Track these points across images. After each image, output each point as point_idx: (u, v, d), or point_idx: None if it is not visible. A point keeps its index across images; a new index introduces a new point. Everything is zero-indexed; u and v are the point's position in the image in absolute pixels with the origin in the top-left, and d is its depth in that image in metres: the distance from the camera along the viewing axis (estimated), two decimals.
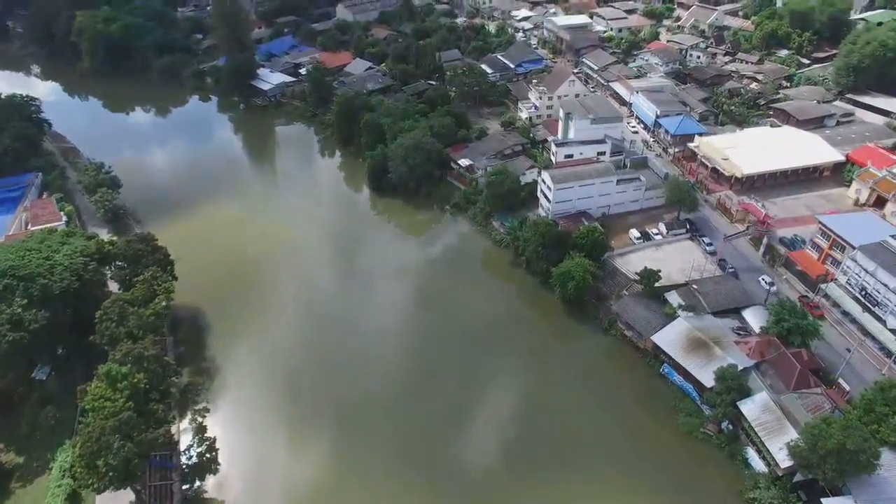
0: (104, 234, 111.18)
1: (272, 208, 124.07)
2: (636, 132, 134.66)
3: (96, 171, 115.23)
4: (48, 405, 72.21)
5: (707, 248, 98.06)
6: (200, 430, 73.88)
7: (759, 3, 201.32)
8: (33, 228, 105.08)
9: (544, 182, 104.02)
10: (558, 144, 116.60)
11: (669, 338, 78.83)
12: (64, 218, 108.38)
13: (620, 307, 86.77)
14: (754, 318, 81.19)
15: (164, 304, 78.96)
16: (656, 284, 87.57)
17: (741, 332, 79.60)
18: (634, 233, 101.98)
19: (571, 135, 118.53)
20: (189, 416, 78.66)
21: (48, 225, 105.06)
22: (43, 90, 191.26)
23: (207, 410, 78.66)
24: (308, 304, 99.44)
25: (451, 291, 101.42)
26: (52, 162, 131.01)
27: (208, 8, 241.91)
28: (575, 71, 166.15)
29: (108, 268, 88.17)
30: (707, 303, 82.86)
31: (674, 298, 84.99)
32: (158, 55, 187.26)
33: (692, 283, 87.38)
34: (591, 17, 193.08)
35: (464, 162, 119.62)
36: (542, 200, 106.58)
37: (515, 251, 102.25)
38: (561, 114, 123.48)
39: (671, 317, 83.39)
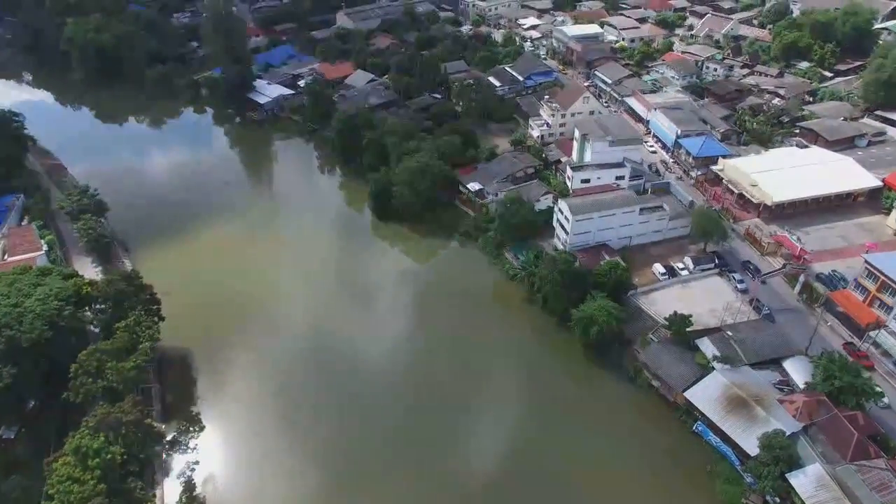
0: (88, 264, 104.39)
1: (269, 233, 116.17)
2: (654, 152, 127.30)
3: (80, 196, 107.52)
4: (14, 474, 64.56)
5: (738, 285, 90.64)
6: (189, 487, 67.36)
7: (774, 12, 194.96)
8: (10, 259, 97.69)
9: (561, 212, 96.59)
10: (574, 168, 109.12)
11: (705, 394, 71.41)
12: (44, 247, 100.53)
13: (648, 356, 79.30)
14: (798, 371, 73.74)
15: (146, 357, 71.38)
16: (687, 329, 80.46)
17: (784, 388, 72.19)
18: (659, 268, 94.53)
19: (588, 157, 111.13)
20: (176, 473, 71.93)
21: (26, 256, 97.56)
22: (31, 100, 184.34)
23: (197, 463, 72.18)
24: (305, 341, 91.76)
25: (461, 328, 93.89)
26: (36, 182, 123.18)
27: (205, 14, 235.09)
28: (586, 84, 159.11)
29: (87, 309, 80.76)
30: (744, 353, 75.44)
31: (707, 347, 77.51)
32: (151, 65, 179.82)
33: (726, 328, 79.96)
34: (602, 27, 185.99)
35: (473, 186, 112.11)
36: (559, 231, 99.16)
37: (530, 286, 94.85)
38: (576, 134, 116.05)
39: (705, 368, 76.05)
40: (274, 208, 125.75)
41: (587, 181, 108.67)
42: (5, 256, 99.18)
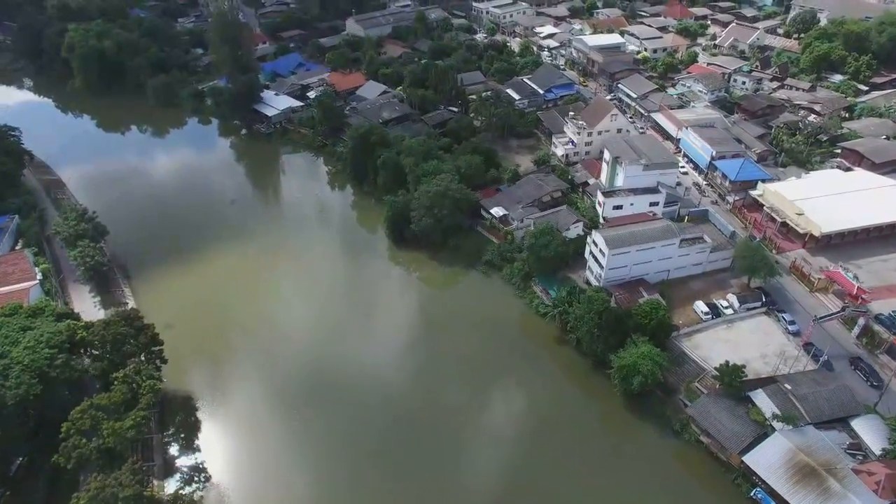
0: (85, 293, 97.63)
1: (278, 257, 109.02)
2: (685, 173, 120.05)
3: (77, 220, 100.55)
4: None
5: (789, 327, 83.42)
6: None
7: (799, 21, 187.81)
8: (2, 290, 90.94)
9: (595, 245, 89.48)
10: (606, 194, 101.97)
11: (767, 460, 64.29)
12: (38, 276, 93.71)
13: (697, 410, 72.14)
14: (870, 433, 66.60)
15: (145, 412, 64.43)
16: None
17: (856, 454, 65.01)
18: (701, 306, 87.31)
19: (620, 182, 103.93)
20: None
21: (19, 286, 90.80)
22: (30, 107, 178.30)
23: None
24: (319, 376, 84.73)
25: (484, 366, 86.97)
26: (32, 201, 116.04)
27: (210, 19, 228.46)
28: (609, 97, 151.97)
29: (83, 351, 73.91)
30: (807, 411, 68.24)
31: (763, 401, 70.29)
32: (154, 73, 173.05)
33: (782, 380, 72.67)
34: (622, 36, 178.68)
35: (497, 212, 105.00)
36: (592, 264, 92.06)
37: (562, 325, 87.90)
38: (606, 155, 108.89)
39: (762, 426, 68.91)
40: (283, 230, 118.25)
41: (619, 207, 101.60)
42: None
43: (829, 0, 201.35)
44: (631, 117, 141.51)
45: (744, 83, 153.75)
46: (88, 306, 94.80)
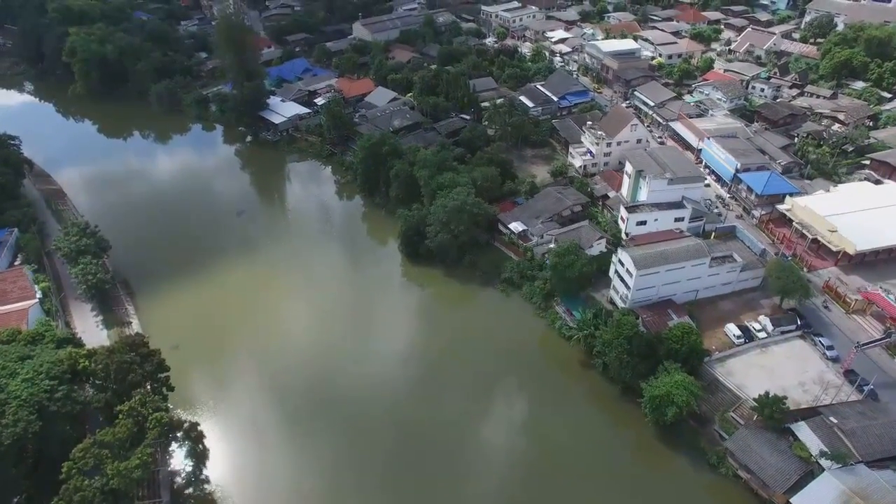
0: (87, 312, 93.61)
1: (288, 272, 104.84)
2: (707, 185, 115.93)
3: (79, 235, 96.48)
4: None
5: (827, 352, 79.39)
6: None
7: (816, 26, 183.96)
8: (0, 309, 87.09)
9: (622, 264, 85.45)
10: (629, 209, 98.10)
11: (818, 503, 60.30)
12: (38, 295, 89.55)
13: (736, 443, 68.10)
14: None
15: (151, 451, 60.44)
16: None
17: None
18: (733, 329, 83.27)
19: (643, 196, 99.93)
20: None
21: (18, 306, 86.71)
22: (31, 114, 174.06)
23: None
24: (330, 406, 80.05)
25: (505, 389, 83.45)
26: (32, 214, 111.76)
27: (214, 22, 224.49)
28: (624, 105, 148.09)
29: (85, 379, 69.82)
30: (857, 448, 64.15)
31: (807, 436, 66.23)
32: (157, 78, 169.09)
33: (826, 412, 68.61)
34: (636, 41, 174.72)
35: (515, 227, 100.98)
36: (617, 283, 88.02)
37: (587, 349, 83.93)
38: (628, 168, 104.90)
39: (807, 462, 64.83)
40: (292, 243, 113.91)
41: (643, 223, 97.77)
42: None
43: (846, 4, 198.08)
44: (648, 126, 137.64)
45: (762, 90, 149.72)
46: (90, 326, 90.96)
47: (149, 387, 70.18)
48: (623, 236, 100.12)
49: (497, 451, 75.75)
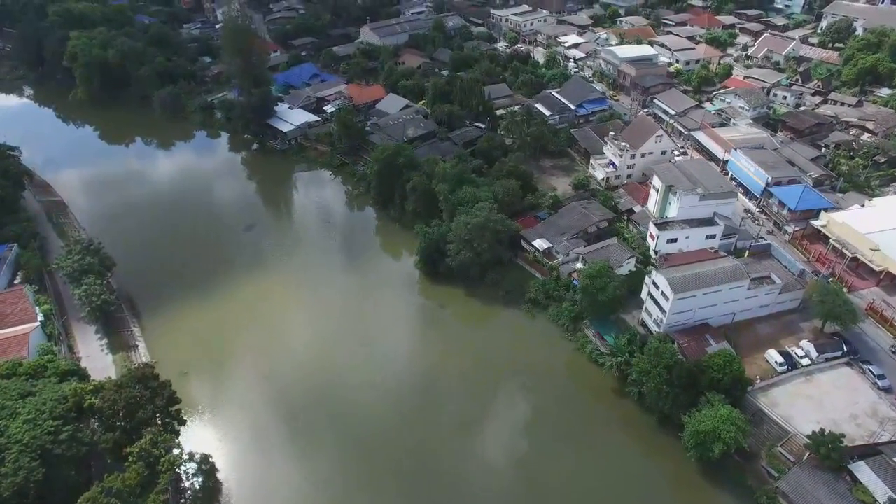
0: (91, 335, 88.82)
1: (299, 291, 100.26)
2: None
3: (82, 253, 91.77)
4: None
5: (878, 381, 74.88)
6: None
7: (834, 30, 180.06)
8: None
9: (656, 286, 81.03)
10: (659, 226, 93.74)
11: None
12: (39, 318, 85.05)
13: (790, 485, 63.71)
14: None
15: (165, 498, 55.91)
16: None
17: None
18: (774, 355, 78.78)
19: (673, 212, 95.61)
20: None
21: (18, 329, 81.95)
22: (31, 121, 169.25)
23: None
24: (350, 436, 75.25)
25: (534, 420, 78.61)
26: (32, 228, 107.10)
27: (217, 26, 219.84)
28: (643, 113, 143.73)
29: (91, 414, 65.27)
30: None
31: (869, 478, 61.87)
32: (160, 84, 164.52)
33: (888, 451, 64.21)
34: (651, 45, 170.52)
35: (540, 244, 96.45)
36: (650, 306, 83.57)
37: (620, 375, 79.58)
38: (655, 182, 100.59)
39: None
40: (303, 259, 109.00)
41: (674, 241, 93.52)
42: None
43: (864, 8, 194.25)
44: (669, 136, 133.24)
45: (784, 98, 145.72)
46: (95, 350, 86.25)
47: (159, 421, 65.65)
48: (652, 254, 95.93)
49: (523, 481, 71.00)
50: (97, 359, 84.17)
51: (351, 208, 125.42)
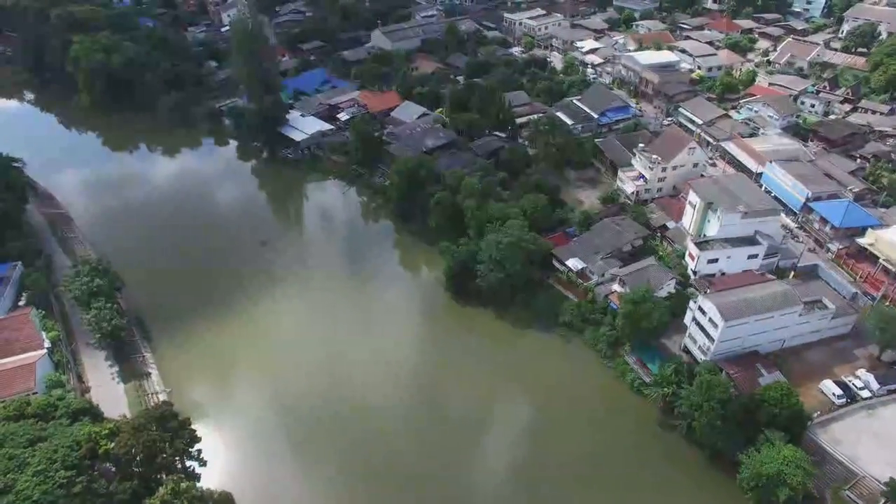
0: (101, 362, 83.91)
1: (319, 312, 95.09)
2: None
3: (91, 274, 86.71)
4: None
5: None
6: None
7: (858, 35, 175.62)
8: (4, 362, 77.32)
9: (703, 312, 76.36)
10: (700, 246, 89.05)
11: None
12: (46, 344, 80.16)
13: None
14: None
15: None
16: None
17: None
18: (831, 386, 74.14)
19: (713, 231, 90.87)
20: None
21: (24, 357, 77.12)
22: (33, 127, 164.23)
23: None
24: (377, 467, 70.87)
25: (572, 453, 73.61)
26: (36, 244, 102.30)
27: (223, 29, 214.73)
28: (667, 122, 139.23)
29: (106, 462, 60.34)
30: None
31: None
32: (166, 90, 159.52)
33: None
34: (671, 51, 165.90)
35: (574, 264, 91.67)
36: (695, 332, 78.83)
37: (666, 405, 74.91)
38: (692, 198, 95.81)
39: None
40: (321, 275, 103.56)
41: (714, 261, 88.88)
42: None
43: (888, 11, 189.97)
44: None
45: (812, 106, 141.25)
46: (105, 379, 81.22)
47: (179, 465, 60.77)
48: (690, 274, 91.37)
49: None
50: (108, 388, 79.22)
51: (369, 222, 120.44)
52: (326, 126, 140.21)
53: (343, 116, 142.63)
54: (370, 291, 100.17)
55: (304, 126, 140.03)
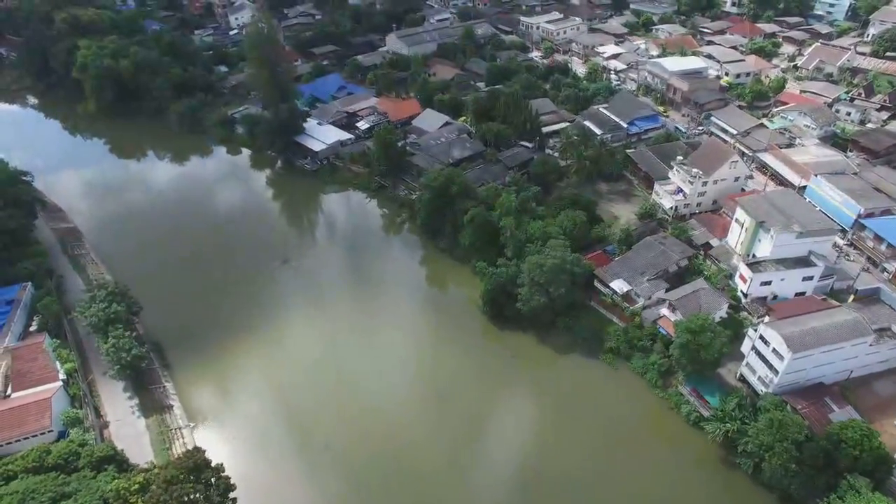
0: (119, 393, 78.68)
1: (348, 336, 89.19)
2: None
3: (108, 300, 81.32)
4: None
5: None
6: None
7: (888, 38, 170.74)
8: (17, 396, 72.08)
9: (765, 342, 71.50)
10: (752, 267, 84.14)
11: None
12: (62, 376, 75.00)
13: None
14: None
15: None
16: None
17: None
18: None
19: (766, 251, 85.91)
20: None
21: (38, 391, 72.18)
22: (37, 135, 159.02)
23: None
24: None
25: (622, 493, 68.88)
26: (46, 264, 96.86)
27: (231, 32, 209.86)
28: (697, 132, 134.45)
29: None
30: None
31: None
32: (177, 96, 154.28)
33: None
34: (696, 56, 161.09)
35: (618, 286, 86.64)
36: (754, 361, 73.92)
37: (727, 440, 69.95)
38: (740, 215, 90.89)
39: None
40: (351, 297, 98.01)
41: (768, 283, 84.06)
42: (8, 391, 73.58)
43: None
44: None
45: (848, 114, 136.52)
46: (125, 412, 75.95)
47: None
48: (740, 296, 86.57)
49: None
50: (128, 423, 74.01)
51: (394, 237, 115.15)
52: (345, 135, 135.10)
53: (362, 125, 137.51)
54: (401, 314, 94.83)
55: (321, 135, 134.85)
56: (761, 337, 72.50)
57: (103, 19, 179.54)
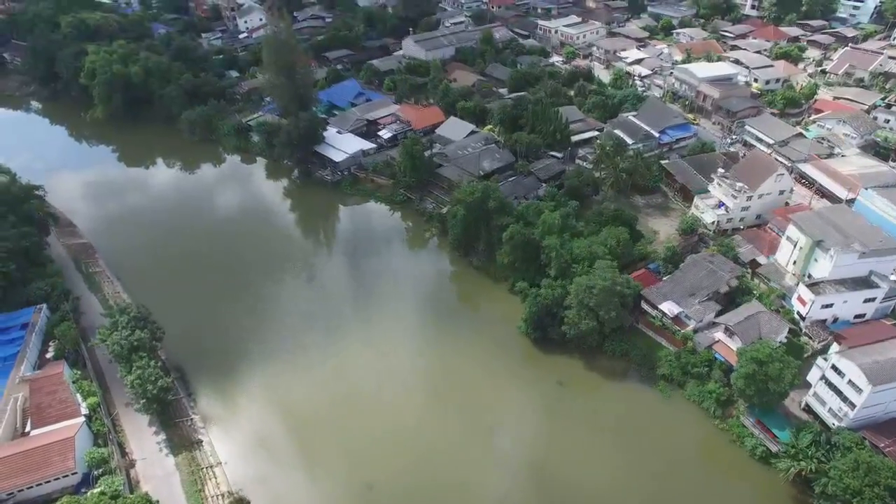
0: (144, 428, 73.70)
1: (382, 361, 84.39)
2: None
3: (130, 326, 76.22)
4: None
5: None
6: None
7: None
8: (36, 434, 67.20)
9: (838, 372, 67.02)
10: (813, 289, 79.62)
11: None
12: (84, 411, 70.09)
13: None
14: None
15: None
16: None
17: None
18: None
19: (824, 272, 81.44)
20: None
21: (59, 427, 67.36)
22: (43, 142, 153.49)
23: None
24: None
25: None
26: (60, 285, 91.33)
27: (240, 36, 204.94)
28: (730, 141, 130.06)
29: None
30: None
31: None
32: (188, 102, 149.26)
33: None
34: (723, 62, 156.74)
35: (669, 308, 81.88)
36: (823, 391, 69.33)
37: (799, 475, 65.42)
38: (793, 233, 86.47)
39: None
40: (382, 317, 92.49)
41: (829, 306, 79.65)
42: (27, 427, 68.66)
43: None
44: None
45: (886, 121, 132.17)
46: (152, 449, 70.87)
47: None
48: (797, 318, 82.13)
49: None
50: (156, 463, 69.01)
51: (423, 254, 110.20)
52: (368, 144, 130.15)
53: (385, 133, 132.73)
54: (440, 338, 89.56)
55: (342, 144, 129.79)
56: (833, 367, 68.10)
57: (110, 23, 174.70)
